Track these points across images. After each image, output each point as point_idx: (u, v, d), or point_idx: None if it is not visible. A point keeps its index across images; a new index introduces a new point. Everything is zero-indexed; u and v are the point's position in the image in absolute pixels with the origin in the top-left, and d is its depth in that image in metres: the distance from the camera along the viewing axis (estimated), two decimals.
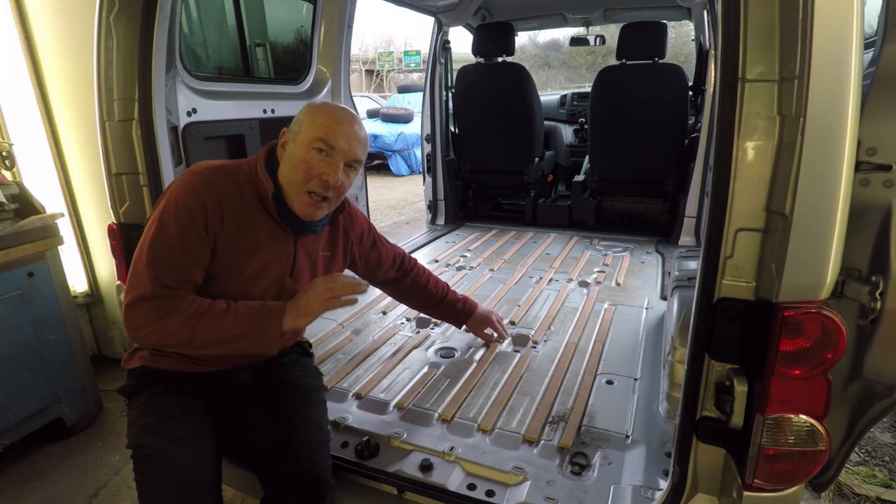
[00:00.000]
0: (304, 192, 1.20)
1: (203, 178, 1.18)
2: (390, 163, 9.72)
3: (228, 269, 1.21)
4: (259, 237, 1.23)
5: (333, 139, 1.18)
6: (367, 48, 29.70)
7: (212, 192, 1.17)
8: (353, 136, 1.22)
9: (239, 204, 1.20)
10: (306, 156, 1.18)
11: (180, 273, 1.14)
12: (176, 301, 1.12)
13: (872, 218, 1.04)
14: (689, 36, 6.52)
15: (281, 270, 1.29)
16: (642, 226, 3.76)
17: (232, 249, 1.20)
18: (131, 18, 1.46)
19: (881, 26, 1.04)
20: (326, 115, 1.21)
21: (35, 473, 2.11)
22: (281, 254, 1.28)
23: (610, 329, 2.14)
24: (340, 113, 1.24)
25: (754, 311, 0.94)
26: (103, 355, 2.88)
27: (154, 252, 1.12)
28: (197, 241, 1.15)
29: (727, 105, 0.90)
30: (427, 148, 3.85)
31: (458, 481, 1.33)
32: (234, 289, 1.22)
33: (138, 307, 1.11)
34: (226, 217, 1.18)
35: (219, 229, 1.17)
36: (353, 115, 1.26)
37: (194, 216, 1.14)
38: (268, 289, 1.27)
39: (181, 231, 1.13)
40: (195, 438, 1.18)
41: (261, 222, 1.24)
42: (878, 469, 2.10)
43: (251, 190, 1.23)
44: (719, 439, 1.04)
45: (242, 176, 1.23)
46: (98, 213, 2.64)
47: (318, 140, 1.18)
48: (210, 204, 1.16)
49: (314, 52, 2.60)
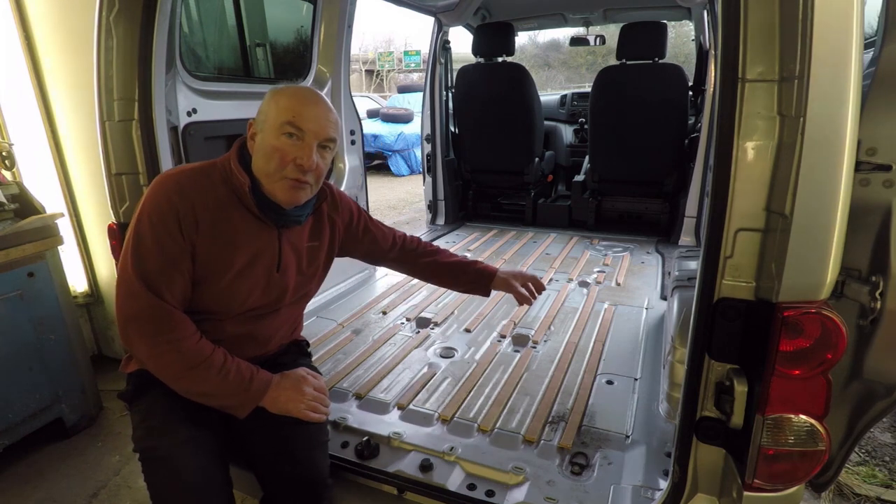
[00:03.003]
0: (282, 179, 1.17)
1: (173, 182, 1.16)
2: (390, 163, 9.72)
3: (212, 271, 1.19)
4: (239, 235, 1.21)
5: (301, 121, 1.14)
6: (367, 48, 29.74)
7: (182, 195, 1.14)
8: (322, 116, 1.17)
9: (214, 203, 1.18)
10: (277, 143, 1.14)
11: (165, 279, 1.12)
12: (174, 326, 1.12)
13: (872, 218, 1.04)
14: (689, 36, 6.52)
15: (267, 266, 1.27)
16: (642, 226, 3.76)
17: (212, 251, 1.18)
18: (131, 18, 1.46)
19: (881, 26, 1.04)
20: (290, 97, 1.16)
21: (35, 473, 2.11)
22: (265, 249, 1.26)
23: (610, 329, 2.14)
24: (304, 93, 1.19)
25: (754, 311, 0.94)
26: (103, 355, 2.88)
27: (138, 266, 1.11)
28: (174, 248, 1.13)
29: (727, 105, 0.90)
30: (427, 148, 3.85)
31: (458, 481, 1.33)
32: (221, 290, 1.21)
33: (134, 325, 1.12)
34: (200, 219, 1.15)
35: (194, 232, 1.15)
36: (318, 94, 1.22)
37: (167, 222, 1.12)
38: (255, 286, 1.25)
39: (157, 240, 1.12)
40: (203, 440, 1.18)
41: (240, 219, 1.21)
42: (878, 469, 2.10)
43: (226, 188, 1.20)
44: (719, 439, 1.04)
45: (216, 175, 1.20)
46: (98, 213, 2.64)
47: (287, 124, 1.13)
48: (182, 208, 1.13)
49: (314, 52, 2.60)
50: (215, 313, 1.23)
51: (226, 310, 1.24)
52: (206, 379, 1.14)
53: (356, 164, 2.82)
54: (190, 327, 1.15)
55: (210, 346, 1.16)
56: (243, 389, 1.18)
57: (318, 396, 1.28)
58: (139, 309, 1.11)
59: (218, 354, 1.16)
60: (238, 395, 1.18)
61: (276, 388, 1.23)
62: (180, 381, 1.15)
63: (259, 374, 1.21)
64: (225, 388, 1.16)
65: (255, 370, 1.21)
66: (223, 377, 1.15)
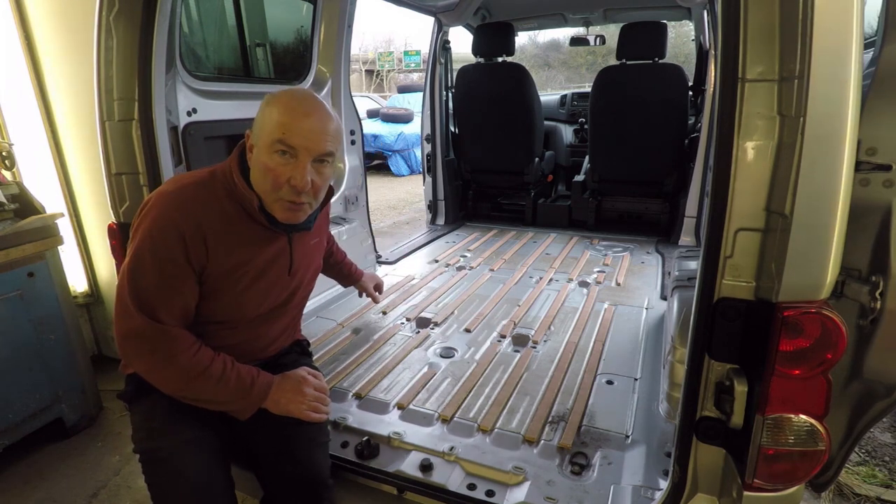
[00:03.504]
0: (278, 200, 1.12)
1: (175, 199, 1.10)
2: (390, 163, 9.72)
3: (226, 283, 1.17)
4: (250, 245, 1.18)
5: (292, 138, 1.06)
6: (367, 48, 29.73)
7: (186, 214, 1.09)
8: (316, 129, 1.08)
9: (220, 218, 1.13)
10: (269, 162, 1.08)
11: (161, 301, 1.09)
12: (170, 343, 1.10)
13: (872, 218, 1.04)
14: (689, 36, 6.52)
15: (279, 271, 1.27)
16: (642, 226, 3.76)
17: (225, 266, 1.15)
18: (131, 18, 1.46)
19: (881, 26, 1.04)
20: (282, 111, 1.07)
21: (35, 473, 2.11)
22: (279, 255, 1.25)
23: (610, 329, 2.14)
24: (297, 105, 1.09)
25: (754, 311, 0.94)
26: (103, 355, 2.87)
27: (134, 286, 1.08)
28: (175, 270, 1.09)
29: (727, 105, 0.90)
30: (427, 148, 3.85)
31: (458, 481, 1.33)
32: (235, 299, 1.20)
33: (130, 343, 1.10)
34: (209, 236, 1.11)
35: (203, 254, 1.11)
36: (314, 104, 1.11)
37: (169, 245, 1.07)
38: (269, 291, 1.26)
39: (156, 261, 1.08)
40: (205, 441, 1.18)
41: (250, 231, 1.17)
42: (878, 469, 2.10)
43: (232, 201, 1.15)
44: (719, 439, 1.04)
45: (218, 187, 1.15)
46: (98, 213, 2.63)
47: (277, 143, 1.07)
48: (188, 230, 1.08)
49: (314, 52, 2.60)
50: (228, 321, 1.23)
51: (240, 317, 1.24)
52: (206, 388, 1.13)
53: (356, 164, 2.82)
54: (186, 341, 1.12)
55: (209, 355, 1.14)
56: (245, 395, 1.18)
57: (319, 396, 1.28)
58: (131, 328, 1.09)
59: (217, 363, 1.15)
60: (239, 400, 1.18)
61: (278, 390, 1.23)
62: (181, 392, 1.14)
63: (260, 378, 1.21)
64: (226, 395, 1.16)
65: (255, 374, 1.21)
66: (224, 385, 1.15)
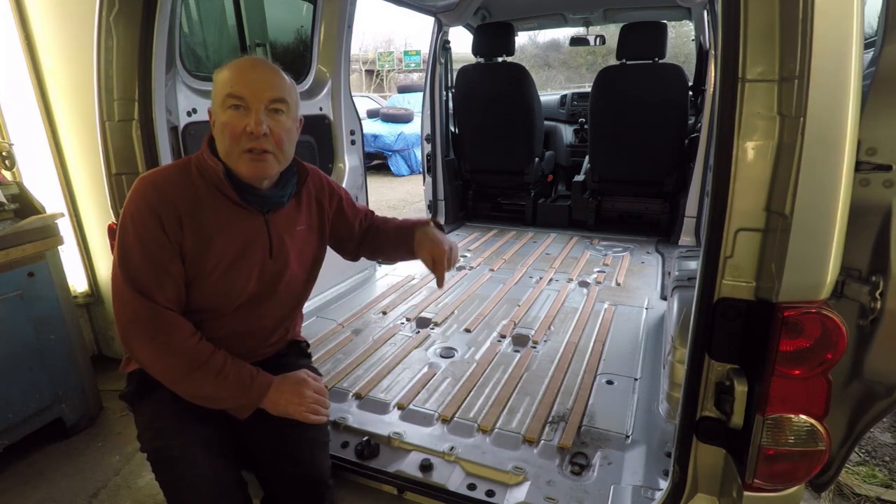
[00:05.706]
0: (241, 154, 1.14)
1: (149, 183, 1.15)
2: (390, 163, 9.72)
3: (204, 266, 1.18)
4: (225, 225, 1.19)
5: (240, 89, 1.11)
6: (367, 48, 29.73)
7: (160, 194, 1.13)
8: (261, 79, 1.14)
9: (194, 197, 1.17)
10: (224, 117, 1.12)
11: (154, 282, 1.11)
12: (168, 327, 1.11)
13: (872, 218, 1.04)
14: (689, 36, 6.52)
15: (260, 254, 1.25)
16: (642, 226, 3.76)
17: (201, 246, 1.17)
18: (131, 18, 1.46)
19: (881, 26, 1.04)
20: (229, 70, 1.14)
21: (35, 473, 2.11)
22: (255, 238, 1.24)
23: (610, 329, 2.14)
24: (242, 62, 1.16)
25: (754, 311, 0.94)
26: (103, 355, 2.88)
27: (126, 271, 1.11)
28: (158, 250, 1.12)
29: (727, 105, 0.90)
30: (427, 148, 3.84)
31: (458, 481, 1.33)
32: (216, 285, 1.20)
33: (131, 330, 1.11)
34: (184, 217, 1.14)
35: (179, 231, 1.14)
36: (260, 60, 1.18)
37: (148, 225, 1.11)
38: (249, 276, 1.24)
39: (140, 243, 1.11)
40: (214, 440, 1.18)
41: (223, 209, 1.19)
42: (878, 469, 2.10)
43: (204, 180, 1.19)
44: (719, 439, 1.04)
45: (192, 169, 1.20)
46: (98, 213, 2.64)
47: (228, 97, 1.11)
48: (162, 208, 1.12)
49: (314, 52, 2.60)
50: (215, 309, 1.23)
51: (225, 304, 1.23)
52: (205, 382, 1.14)
53: (356, 164, 2.82)
54: (187, 329, 1.14)
55: (209, 349, 1.16)
56: (244, 392, 1.18)
57: (318, 399, 1.28)
58: (132, 313, 1.10)
59: (217, 357, 1.15)
60: (238, 397, 1.18)
61: (276, 391, 1.23)
62: (181, 384, 1.14)
63: (259, 377, 1.21)
64: (225, 391, 1.16)
65: (254, 373, 1.21)
66: (223, 380, 1.15)
